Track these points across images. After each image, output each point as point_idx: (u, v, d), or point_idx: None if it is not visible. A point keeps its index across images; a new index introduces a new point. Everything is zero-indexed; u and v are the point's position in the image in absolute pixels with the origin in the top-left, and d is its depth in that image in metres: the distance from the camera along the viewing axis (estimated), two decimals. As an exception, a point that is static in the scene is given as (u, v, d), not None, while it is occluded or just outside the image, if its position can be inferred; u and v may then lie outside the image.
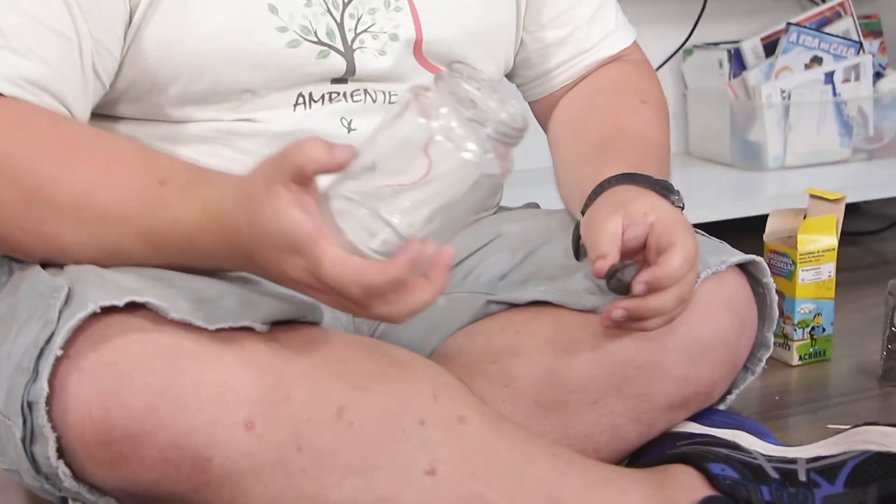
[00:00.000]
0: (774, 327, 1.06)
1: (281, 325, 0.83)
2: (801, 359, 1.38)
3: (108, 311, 0.78)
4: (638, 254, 0.90)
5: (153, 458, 0.76)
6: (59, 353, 0.76)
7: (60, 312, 0.80)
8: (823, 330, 1.39)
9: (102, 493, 0.80)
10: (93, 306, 0.77)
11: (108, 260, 0.85)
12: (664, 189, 0.96)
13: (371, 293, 0.74)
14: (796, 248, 1.35)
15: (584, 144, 1.07)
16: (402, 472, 0.82)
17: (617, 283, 0.89)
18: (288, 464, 0.79)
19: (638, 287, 0.87)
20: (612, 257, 0.88)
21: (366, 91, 0.99)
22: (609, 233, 0.90)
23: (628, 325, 0.90)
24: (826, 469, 0.89)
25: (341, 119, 0.98)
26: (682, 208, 0.97)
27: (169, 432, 0.76)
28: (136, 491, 0.78)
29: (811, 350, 1.39)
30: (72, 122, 0.89)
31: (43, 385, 0.76)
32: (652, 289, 0.88)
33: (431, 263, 0.74)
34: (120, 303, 0.78)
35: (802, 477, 0.89)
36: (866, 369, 1.36)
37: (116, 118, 0.97)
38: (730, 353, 1.01)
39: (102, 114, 0.96)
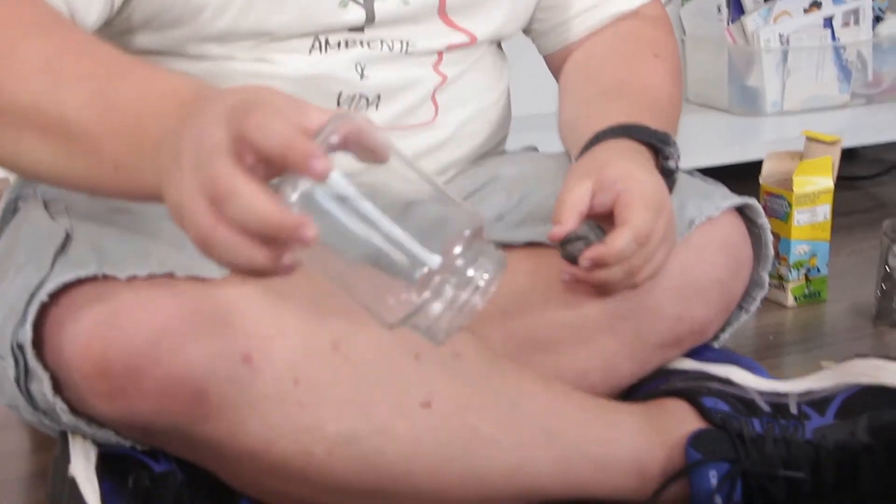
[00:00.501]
0: (769, 267, 1.07)
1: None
2: (795, 300, 1.39)
3: None
4: (608, 218, 0.90)
5: (152, 391, 0.77)
6: (45, 299, 0.78)
7: (55, 259, 0.81)
8: (818, 271, 1.40)
9: (101, 426, 0.82)
10: (95, 269, 0.78)
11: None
12: (661, 141, 0.96)
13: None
14: (792, 190, 1.35)
15: (591, 89, 1.07)
16: (398, 406, 0.83)
17: (567, 253, 0.91)
18: (285, 397, 0.81)
19: (583, 262, 0.88)
20: (569, 225, 0.88)
21: (382, 41, 0.99)
22: (573, 198, 0.89)
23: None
24: (817, 402, 0.90)
25: (356, 65, 0.98)
26: (677, 163, 0.97)
27: (167, 366, 0.77)
28: (135, 423, 0.79)
29: (806, 291, 1.40)
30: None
31: (28, 329, 0.77)
32: (597, 265, 0.88)
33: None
34: (122, 276, 0.78)
35: (793, 410, 0.90)
36: (861, 310, 1.37)
37: (131, 49, 0.96)
38: (724, 293, 1.02)
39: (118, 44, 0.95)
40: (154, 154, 0.69)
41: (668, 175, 0.96)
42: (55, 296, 0.78)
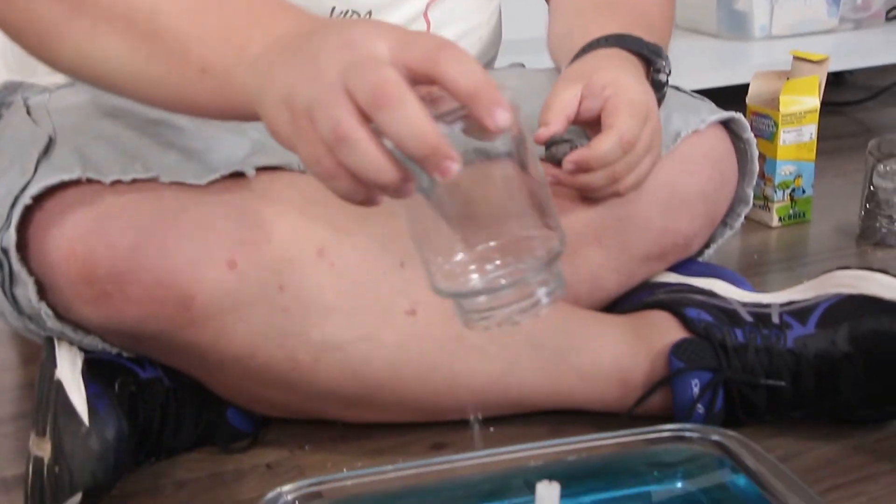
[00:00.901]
0: (754, 182, 1.07)
1: (264, 171, 0.84)
2: (780, 220, 1.40)
3: None
4: (595, 125, 0.90)
5: (137, 296, 0.77)
6: (29, 202, 0.77)
7: (38, 163, 0.80)
8: (803, 192, 1.40)
9: (87, 332, 0.82)
10: (79, 173, 0.78)
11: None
12: (653, 53, 0.96)
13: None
14: (778, 110, 1.35)
15: (583, 2, 1.06)
16: (383, 313, 0.84)
17: (551, 155, 0.91)
18: (270, 303, 0.81)
19: (566, 165, 0.89)
20: (555, 127, 0.88)
21: None
22: (561, 102, 0.89)
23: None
24: (798, 311, 0.91)
25: None
26: (668, 77, 0.97)
27: (152, 271, 0.77)
28: (121, 329, 0.79)
29: (791, 212, 1.40)
30: None
31: (12, 233, 0.77)
32: (581, 169, 0.89)
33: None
34: (106, 180, 0.78)
35: (775, 319, 0.91)
36: (845, 230, 1.38)
37: None
38: (708, 206, 1.03)
39: None
40: (257, 61, 0.67)
41: (658, 88, 0.96)
42: (39, 200, 0.77)
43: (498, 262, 0.66)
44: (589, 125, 0.91)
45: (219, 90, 0.69)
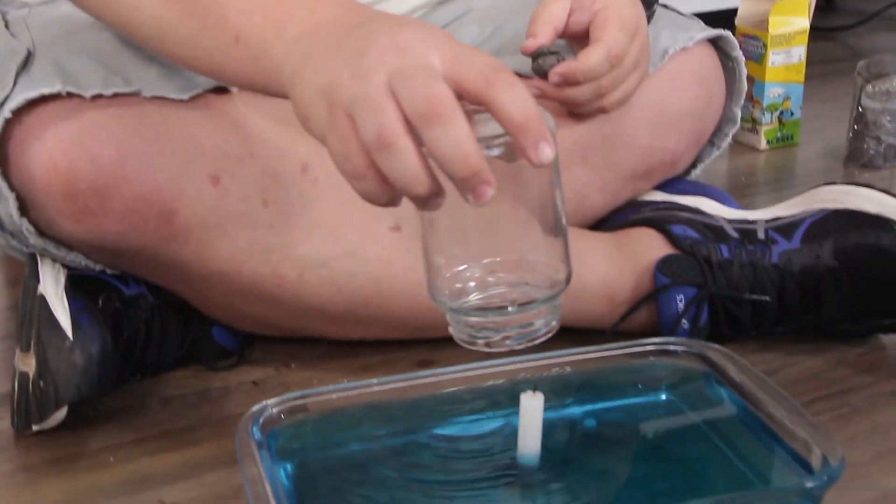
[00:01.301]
0: (742, 102, 1.07)
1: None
2: (768, 143, 1.40)
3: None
4: (583, 39, 0.90)
5: (119, 211, 0.77)
6: (9, 116, 0.76)
7: (17, 76, 0.79)
8: (792, 114, 1.40)
9: (70, 249, 0.82)
10: (60, 86, 0.77)
11: None
12: None
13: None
14: (767, 31, 1.34)
15: None
16: (367, 229, 0.84)
17: (537, 66, 0.90)
18: (254, 218, 0.81)
19: (552, 77, 0.88)
20: (543, 38, 0.88)
21: None
22: (549, 13, 0.88)
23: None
24: (784, 227, 0.91)
25: None
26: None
27: (135, 185, 0.77)
28: (104, 245, 0.79)
29: (779, 134, 1.40)
30: None
31: None
32: (567, 82, 0.88)
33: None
34: (87, 94, 0.77)
35: (761, 235, 0.91)
36: (833, 153, 1.38)
37: None
38: (696, 124, 1.02)
39: None
40: (297, 42, 0.65)
41: (649, 5, 0.95)
42: (19, 114, 0.76)
43: (502, 287, 0.67)
44: (577, 39, 0.90)
45: (250, 62, 0.68)
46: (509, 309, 0.66)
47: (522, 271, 0.67)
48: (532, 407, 0.70)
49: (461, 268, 0.67)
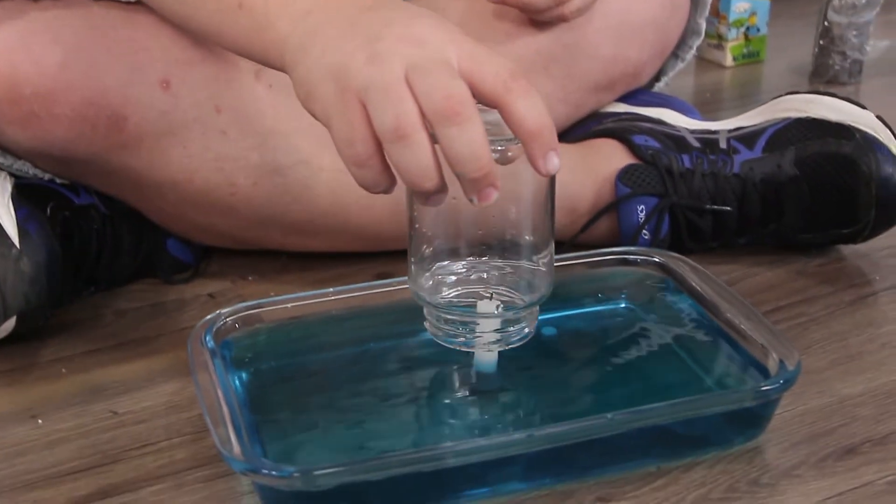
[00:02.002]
0: (706, 13, 1.05)
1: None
2: (734, 59, 1.38)
3: None
4: None
5: (66, 117, 0.75)
6: None
7: None
8: (758, 30, 1.38)
9: (17, 157, 0.80)
10: None
11: None
12: None
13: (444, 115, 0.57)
14: (734, -56, 1.32)
15: None
16: (322, 137, 0.81)
17: None
18: (206, 125, 0.79)
19: None
20: None
21: None
22: None
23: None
24: (746, 136, 0.90)
25: None
26: None
27: (81, 90, 0.74)
28: (51, 152, 0.77)
29: (745, 51, 1.38)
30: None
31: None
32: None
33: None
34: None
35: (723, 145, 0.90)
36: (798, 69, 1.37)
37: None
38: (659, 34, 1.00)
39: None
40: (305, 17, 0.62)
41: None
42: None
43: (482, 287, 0.68)
44: None
45: (253, 31, 0.65)
46: (489, 311, 0.67)
47: (505, 274, 0.69)
48: (488, 310, 0.69)
49: (444, 263, 0.68)
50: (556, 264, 0.70)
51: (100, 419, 0.72)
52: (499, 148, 0.62)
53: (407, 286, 0.70)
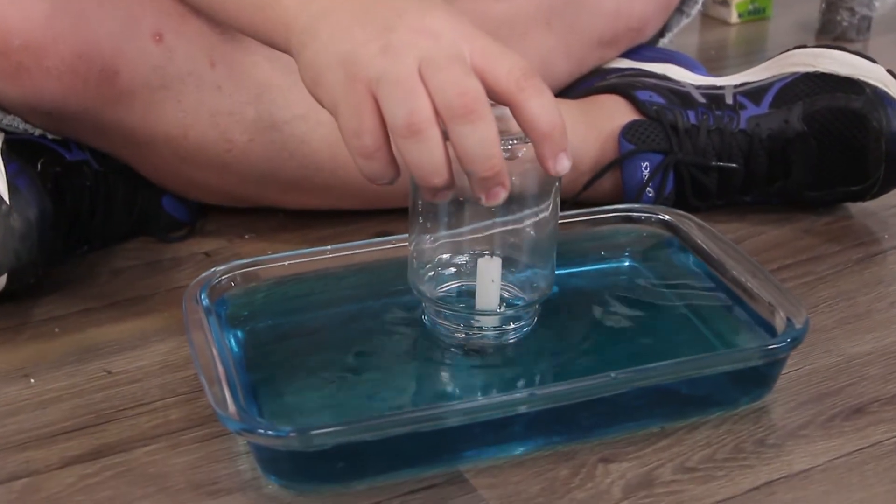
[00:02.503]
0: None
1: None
2: (739, 16, 1.36)
3: None
4: None
5: (57, 70, 0.73)
6: None
7: None
8: (764, -14, 1.36)
9: (6, 112, 0.78)
10: None
11: None
12: None
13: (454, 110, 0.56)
14: None
15: None
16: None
17: None
18: (201, 79, 0.77)
19: None
20: None
21: None
22: None
23: None
24: (753, 91, 0.88)
25: None
26: None
27: (72, 43, 0.73)
28: (42, 106, 0.75)
29: (750, 7, 1.36)
30: None
31: None
32: None
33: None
34: None
35: (729, 100, 0.88)
36: (805, 26, 1.35)
37: None
38: (664, -11, 0.99)
39: None
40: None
41: None
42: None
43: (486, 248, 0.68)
44: None
45: (257, 9, 0.64)
46: (490, 270, 0.67)
47: (507, 272, 0.68)
48: (489, 271, 0.68)
49: (446, 256, 0.68)
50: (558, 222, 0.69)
51: (93, 378, 0.71)
52: (508, 147, 0.62)
53: (406, 244, 0.69)
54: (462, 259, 0.70)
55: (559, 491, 0.60)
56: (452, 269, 0.70)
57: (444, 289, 0.70)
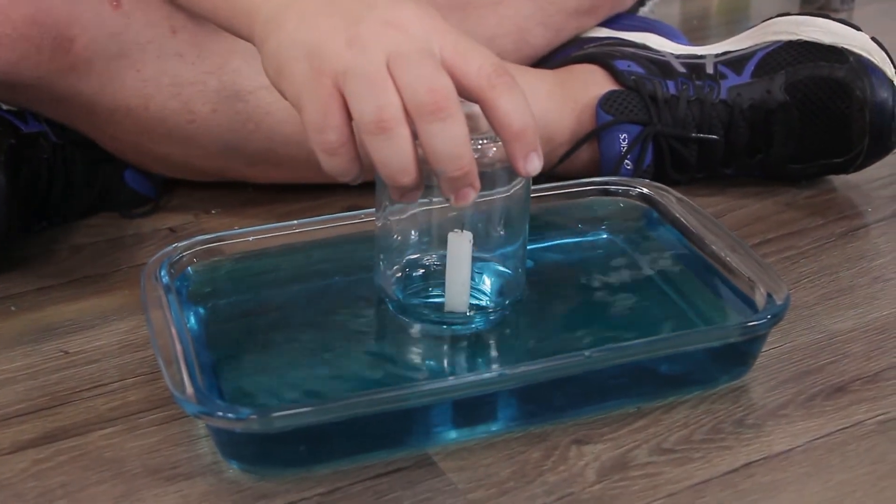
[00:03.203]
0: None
1: None
2: (722, -14, 1.34)
3: None
4: None
5: (7, 37, 0.70)
6: None
7: None
8: (747, -45, 1.33)
9: (-40, 82, 0.75)
10: None
11: None
12: None
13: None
14: None
15: None
16: (286, 59, 0.77)
17: None
18: (161, 47, 0.74)
19: None
20: None
21: None
22: None
23: None
24: (734, 61, 0.86)
25: None
26: None
27: (23, 7, 0.70)
28: (-5, 75, 0.72)
29: (733, -24, 1.34)
30: None
31: None
32: None
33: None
34: None
35: (710, 70, 0.85)
36: (789, -6, 1.32)
37: None
38: (644, -45, 0.96)
39: None
40: None
41: None
42: None
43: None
44: None
45: None
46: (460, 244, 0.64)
47: (476, 273, 0.66)
48: (460, 246, 0.65)
49: (414, 257, 0.67)
50: (532, 195, 0.67)
51: (49, 359, 0.68)
52: (478, 146, 0.60)
53: (374, 219, 0.66)
54: (430, 262, 0.67)
55: (530, 474, 0.58)
56: (422, 272, 0.68)
57: (413, 290, 0.68)
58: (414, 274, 0.68)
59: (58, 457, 0.60)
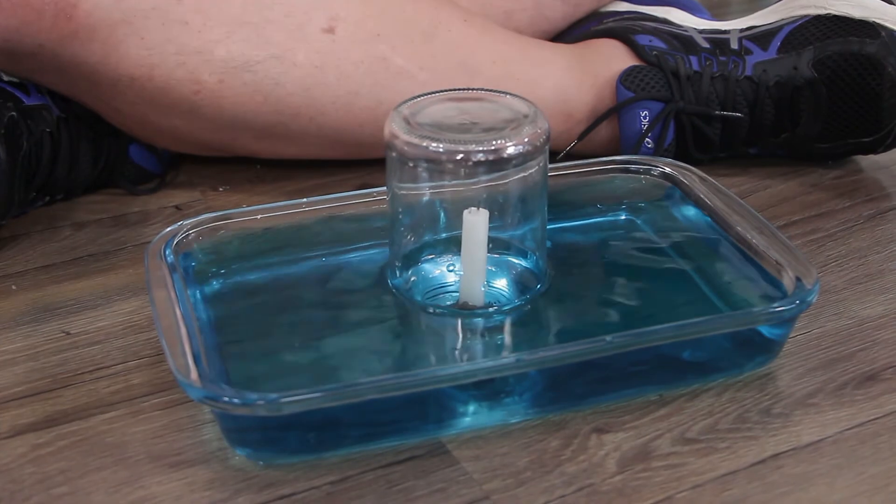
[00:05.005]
0: None
1: None
2: (743, -39, 1.30)
3: None
4: None
5: (9, 2, 0.67)
6: None
7: None
8: (769, -71, 1.30)
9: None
10: None
11: None
12: None
13: None
14: None
15: None
16: (297, 29, 0.74)
17: None
18: (166, 14, 0.71)
19: None
20: None
21: None
22: None
23: None
24: (760, 36, 0.83)
25: None
26: None
27: (24, -26, 0.67)
28: (-5, 43, 0.70)
29: (755, -49, 1.30)
30: None
31: None
32: None
33: None
34: None
35: (734, 45, 0.82)
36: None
37: None
38: (666, -74, 0.93)
39: None
40: None
41: None
42: None
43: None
44: None
45: None
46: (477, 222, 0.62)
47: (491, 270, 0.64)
48: (476, 225, 0.62)
49: (427, 239, 0.65)
50: (550, 175, 0.64)
51: (51, 340, 0.66)
52: (491, 147, 0.60)
53: (386, 197, 0.64)
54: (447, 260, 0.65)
55: (549, 464, 0.56)
56: (436, 272, 0.65)
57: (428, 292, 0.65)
58: (426, 261, 0.65)
59: (58, 441, 0.58)
